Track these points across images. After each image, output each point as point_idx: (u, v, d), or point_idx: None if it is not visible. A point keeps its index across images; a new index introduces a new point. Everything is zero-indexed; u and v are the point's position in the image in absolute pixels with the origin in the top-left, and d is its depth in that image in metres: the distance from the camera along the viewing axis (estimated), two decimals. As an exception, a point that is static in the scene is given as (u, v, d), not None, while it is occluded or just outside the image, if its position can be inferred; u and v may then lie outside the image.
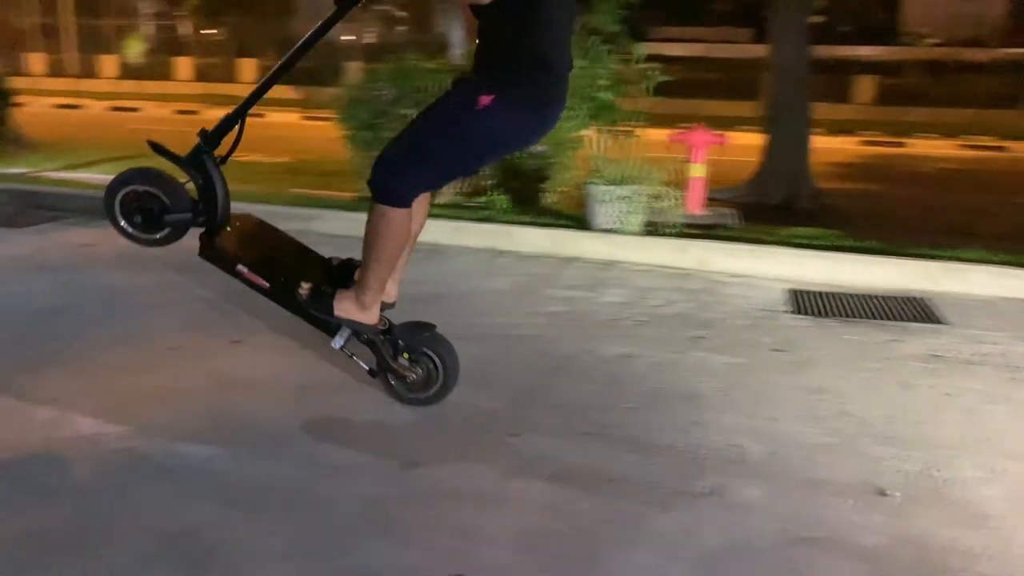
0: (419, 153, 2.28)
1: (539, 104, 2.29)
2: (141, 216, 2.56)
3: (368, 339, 2.55)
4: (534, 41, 2.19)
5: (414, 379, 2.59)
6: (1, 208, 5.58)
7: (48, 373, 2.79)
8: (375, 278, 2.39)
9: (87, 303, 3.59)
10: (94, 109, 19.82)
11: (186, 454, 2.29)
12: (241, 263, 2.52)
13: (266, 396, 2.69)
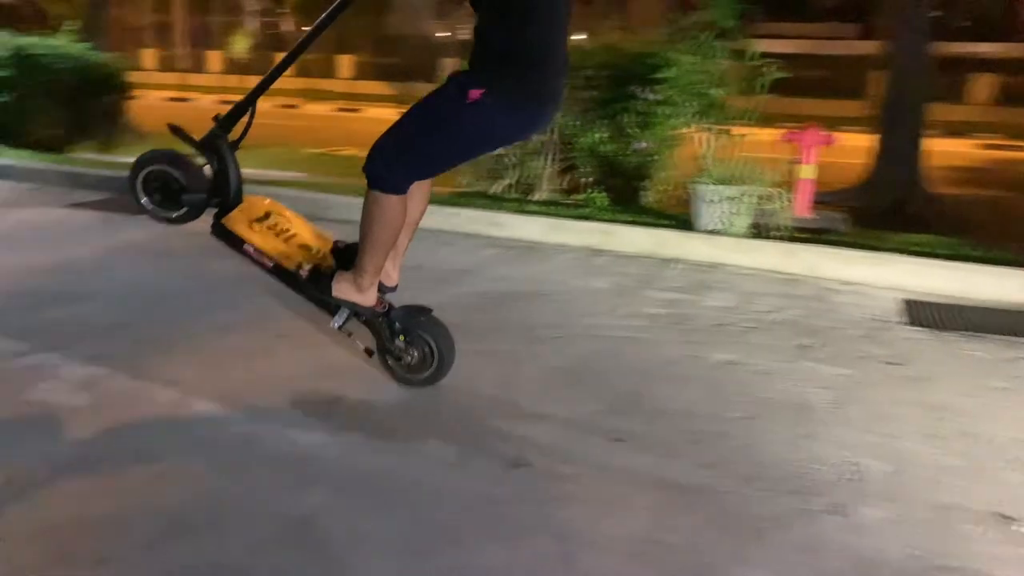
0: (410, 144, 2.32)
1: (529, 101, 2.30)
2: (160, 194, 2.69)
3: (366, 320, 2.63)
4: (526, 38, 2.21)
5: (409, 360, 2.66)
6: (121, 196, 5.88)
7: (168, 356, 2.90)
8: (371, 262, 2.46)
9: (203, 290, 3.73)
10: (202, 102, 20.70)
11: (299, 441, 2.34)
12: (248, 243, 2.63)
13: (375, 387, 2.72)
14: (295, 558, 1.84)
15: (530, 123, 2.42)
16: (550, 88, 2.33)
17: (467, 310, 3.53)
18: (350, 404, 2.60)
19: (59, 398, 2.53)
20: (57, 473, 2.11)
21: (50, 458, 2.18)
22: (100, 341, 3.01)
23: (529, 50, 2.22)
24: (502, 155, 5.75)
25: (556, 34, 2.29)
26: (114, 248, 4.42)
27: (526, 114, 2.34)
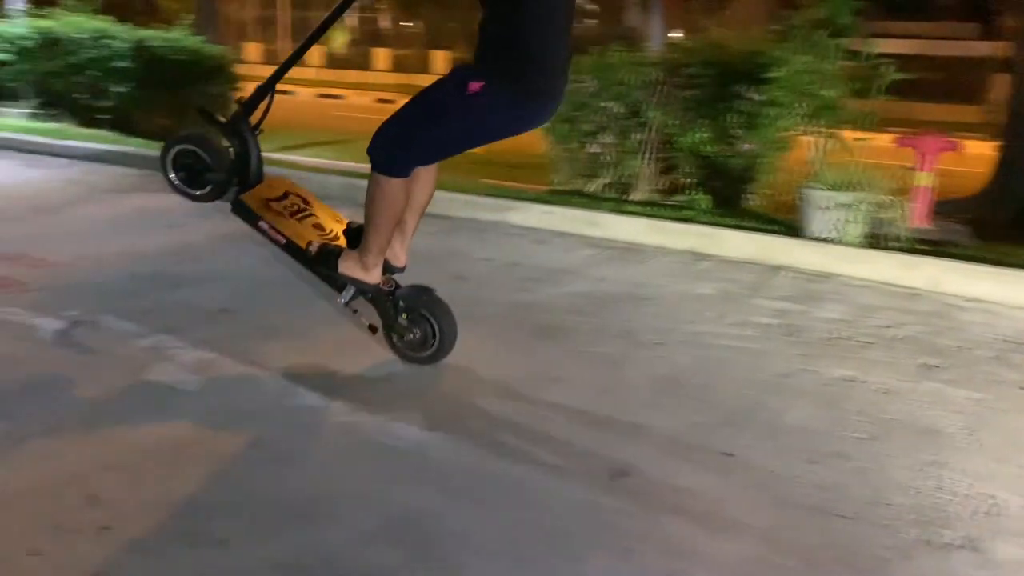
0: (411, 131, 2.41)
1: (528, 95, 2.36)
2: (187, 173, 2.82)
3: (372, 297, 2.72)
4: (527, 34, 2.27)
5: (412, 338, 2.74)
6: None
7: (275, 343, 2.95)
8: (375, 241, 2.54)
9: (309, 279, 3.78)
10: (302, 96, 21.30)
11: (402, 436, 2.33)
12: (263, 220, 2.73)
13: (479, 385, 2.70)
14: (401, 556, 1.82)
15: (528, 118, 2.45)
16: (549, 85, 2.38)
17: (566, 312, 3.47)
18: (450, 402, 2.58)
19: (174, 380, 2.60)
20: (173, 454, 2.15)
21: (167, 439, 2.23)
22: (211, 326, 3.08)
23: (529, 48, 2.28)
24: (599, 153, 5.67)
25: (557, 33, 2.34)
26: (223, 235, 4.54)
27: (524, 109, 2.40)
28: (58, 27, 8.16)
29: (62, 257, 3.88)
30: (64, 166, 6.56)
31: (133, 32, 7.99)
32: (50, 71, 8.24)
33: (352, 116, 17.29)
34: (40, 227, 4.54)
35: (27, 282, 3.48)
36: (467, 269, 4.05)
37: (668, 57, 5.71)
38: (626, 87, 5.42)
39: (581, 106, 5.59)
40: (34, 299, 3.28)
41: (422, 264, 4.09)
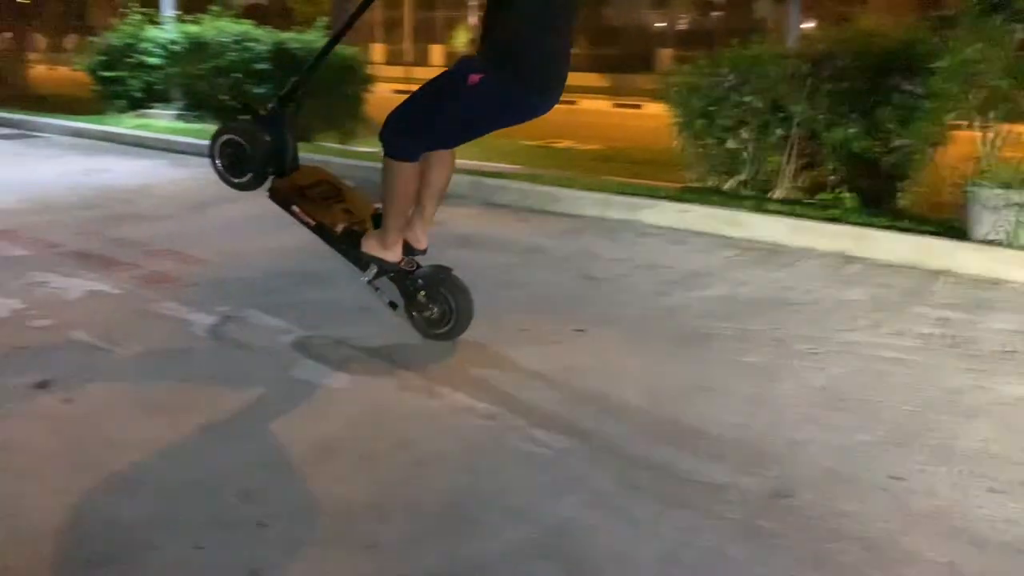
0: (416, 117, 2.57)
1: (526, 88, 2.49)
2: (230, 161, 2.97)
3: (393, 276, 2.86)
4: (523, 32, 2.41)
5: (429, 315, 2.87)
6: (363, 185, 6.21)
7: (414, 342, 2.94)
8: (392, 222, 2.71)
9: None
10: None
11: (546, 443, 2.26)
12: (295, 204, 2.89)
13: (621, 392, 2.59)
14: (552, 570, 1.75)
15: (525, 109, 2.58)
16: (546, 78, 2.52)
17: (708, 316, 3.31)
18: (593, 409, 2.48)
19: (320, 378, 2.63)
20: (323, 453, 2.17)
21: (316, 437, 2.25)
22: (351, 324, 3.12)
23: (526, 43, 2.43)
24: (737, 150, 5.44)
25: (554, 30, 2.48)
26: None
27: (520, 101, 2.53)
28: (205, 31, 8.61)
29: (210, 254, 4.05)
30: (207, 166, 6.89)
31: (273, 35, 8.32)
32: (196, 74, 8.71)
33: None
34: (189, 225, 4.77)
35: (180, 278, 3.65)
36: (600, 270, 3.95)
37: (815, 48, 5.40)
38: (769, 80, 5.16)
39: (719, 100, 5.38)
40: (187, 294, 3.43)
41: (551, 264, 4.05)
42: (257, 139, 2.91)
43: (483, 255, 4.19)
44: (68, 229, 4.45)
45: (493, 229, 4.77)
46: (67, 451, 2.13)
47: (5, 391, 2.46)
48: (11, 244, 4.12)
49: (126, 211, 5.02)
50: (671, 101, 5.80)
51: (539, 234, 4.66)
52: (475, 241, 4.46)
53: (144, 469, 2.06)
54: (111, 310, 3.22)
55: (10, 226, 4.49)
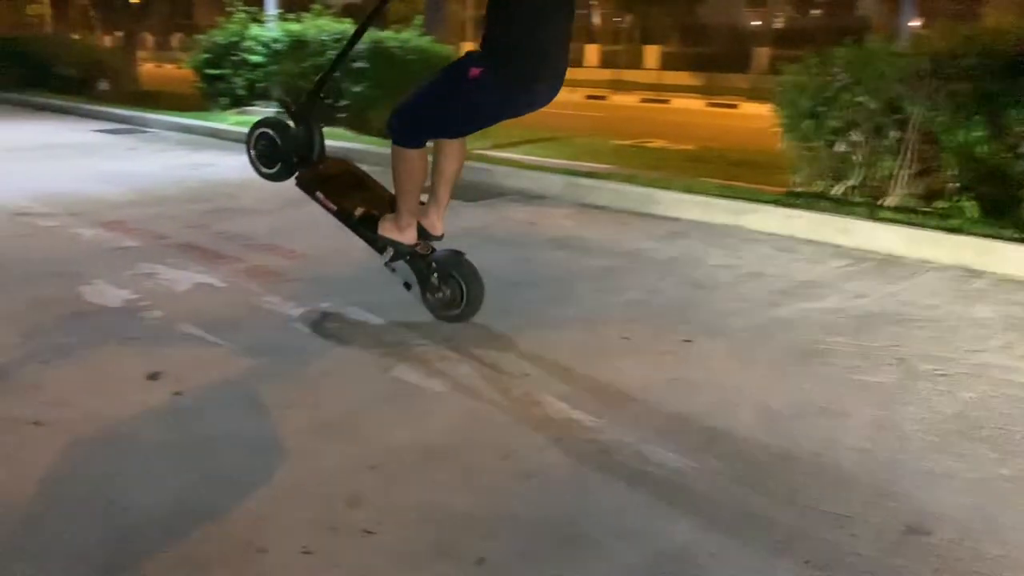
0: (420, 107, 2.74)
1: (522, 82, 2.64)
2: (263, 153, 3.20)
3: (408, 258, 3.02)
4: (518, 30, 2.54)
5: (441, 297, 3.01)
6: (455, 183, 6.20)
7: (514, 348, 2.88)
8: (404, 205, 2.88)
9: (540, 280, 3.73)
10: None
11: (655, 459, 2.15)
12: (319, 191, 3.07)
13: (735, 409, 2.46)
14: (668, 601, 1.64)
15: (524, 101, 2.73)
16: (542, 72, 2.66)
17: (824, 330, 3.13)
18: (705, 426, 2.36)
19: (421, 380, 2.59)
20: (426, 459, 2.12)
21: (419, 442, 2.21)
22: (448, 325, 3.08)
23: (522, 40, 2.56)
24: (847, 153, 5.17)
25: (550, 28, 2.61)
26: (454, 232, 4.58)
27: (521, 95, 2.70)
28: (306, 30, 8.79)
29: (308, 249, 4.09)
30: (307, 161, 7.03)
31: (371, 33, 8.41)
32: (296, 72, 8.90)
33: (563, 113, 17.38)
34: (289, 220, 4.83)
35: (281, 272, 3.69)
36: (705, 277, 3.80)
37: (937, 47, 5.09)
38: (884, 80, 4.88)
39: (829, 101, 5.12)
40: (288, 289, 3.46)
41: (652, 269, 3.92)
42: (287, 132, 3.13)
43: (580, 258, 4.10)
44: (175, 221, 4.58)
45: (589, 231, 4.67)
46: (176, 445, 2.15)
47: (119, 381, 2.51)
48: (123, 235, 4.26)
49: (229, 205, 5.14)
50: (777, 101, 5.57)
51: (638, 237, 4.53)
52: (571, 243, 4.37)
53: (250, 467, 2.05)
54: (217, 303, 3.27)
55: (121, 217, 4.66)
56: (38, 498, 1.89)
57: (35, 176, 5.94)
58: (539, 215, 5.10)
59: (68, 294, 3.28)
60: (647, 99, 20.04)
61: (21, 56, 13.76)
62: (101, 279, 3.48)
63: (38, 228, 4.36)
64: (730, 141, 12.10)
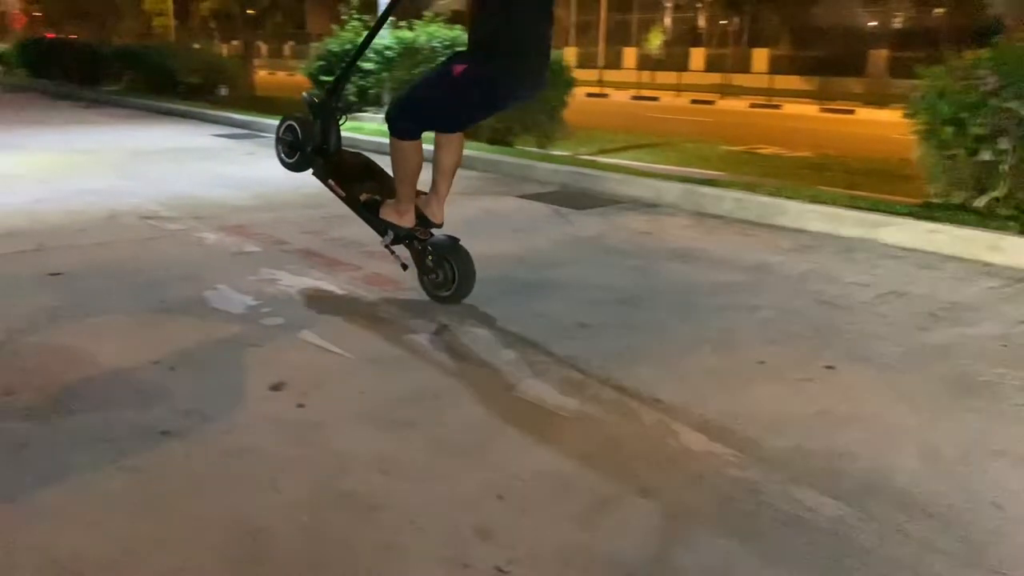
0: (414, 102, 3.03)
1: (503, 77, 2.89)
2: (287, 145, 3.50)
3: (407, 242, 3.29)
4: (498, 30, 2.80)
5: (435, 278, 3.27)
6: (567, 191, 6.08)
7: (641, 368, 2.72)
8: (402, 192, 3.16)
9: (661, 294, 3.55)
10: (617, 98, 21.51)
11: (809, 503, 1.95)
12: (331, 179, 3.38)
13: (887, 449, 2.23)
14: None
15: (507, 96, 3.02)
16: (523, 70, 2.91)
17: (984, 360, 2.84)
18: (862, 467, 2.13)
19: (546, 400, 2.47)
20: (559, 489, 1.99)
21: (549, 470, 2.08)
22: (571, 341, 2.95)
23: (502, 39, 2.80)
24: (993, 162, 4.76)
25: (529, 26, 2.85)
26: (567, 241, 4.49)
27: (500, 88, 2.93)
28: (417, 37, 8.86)
29: (425, 257, 4.04)
30: (416, 166, 7.05)
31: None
32: (407, 79, 8.99)
33: (668, 118, 17.03)
34: (403, 225, 4.83)
35: (398, 280, 3.64)
36: (841, 295, 3.54)
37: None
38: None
39: (973, 106, 4.73)
40: (405, 298, 3.41)
41: (782, 285, 3.68)
42: (308, 127, 3.40)
43: (704, 272, 3.90)
44: (294, 227, 4.63)
45: (711, 243, 4.46)
46: (301, 462, 2.10)
47: (244, 391, 2.50)
48: (244, 240, 4.34)
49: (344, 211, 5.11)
50: (913, 106, 5.19)
51: (764, 250, 4.29)
52: (693, 255, 4.17)
53: (376, 490, 1.98)
54: (337, 311, 3.25)
55: (242, 221, 4.75)
56: (164, 513, 1.87)
57: (161, 179, 6.18)
58: (655, 224, 4.91)
59: (194, 299, 3.33)
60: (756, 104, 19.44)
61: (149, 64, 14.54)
62: (225, 284, 3.53)
63: (164, 231, 4.50)
64: (849, 148, 11.54)
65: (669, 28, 30.68)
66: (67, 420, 2.28)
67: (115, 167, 6.81)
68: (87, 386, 2.50)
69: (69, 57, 17.66)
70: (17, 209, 4.96)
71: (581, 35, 30.48)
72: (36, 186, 5.81)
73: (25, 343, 2.82)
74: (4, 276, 3.58)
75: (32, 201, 5.23)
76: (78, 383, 2.51)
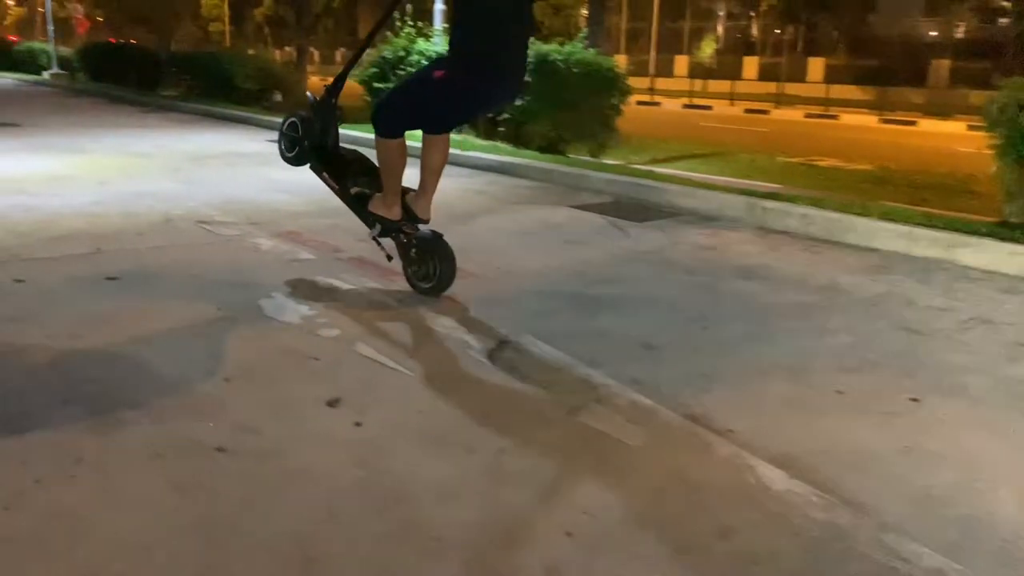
0: (397, 103, 3.24)
1: (481, 84, 3.08)
2: (288, 140, 3.70)
3: (392, 234, 3.47)
4: (478, 35, 2.99)
5: (417, 270, 3.47)
6: (621, 202, 5.94)
7: (712, 394, 2.58)
8: (388, 186, 3.34)
9: (729, 315, 3.40)
10: (668, 106, 21.28)
11: (903, 552, 1.80)
12: (325, 172, 3.58)
13: (986, 492, 2.06)
14: None
15: (485, 98, 3.27)
16: (499, 76, 3.10)
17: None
18: (960, 513, 1.96)
19: (613, 429, 2.34)
20: (629, 530, 1.87)
21: (621, 504, 1.96)
22: (637, 363, 2.82)
23: (478, 47, 2.99)
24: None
25: (506, 38, 3.03)
26: (626, 255, 4.36)
27: (477, 93, 3.14)
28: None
29: (481, 268, 3.95)
30: (468, 176, 6.99)
31: (537, 46, 8.32)
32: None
33: (721, 127, 16.76)
34: (455, 236, 4.67)
35: (455, 292, 3.55)
36: (920, 321, 3.34)
37: None
38: None
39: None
40: (462, 312, 3.32)
41: (856, 308, 3.49)
42: (308, 123, 3.59)
43: (772, 291, 3.73)
44: (349, 234, 4.58)
45: (777, 260, 4.28)
46: (358, 486, 2.01)
47: (300, 406, 2.42)
48: (299, 246, 4.30)
49: (397, 219, 5.12)
50: (990, 119, 4.95)
51: (834, 269, 4.10)
52: (760, 273, 4.01)
53: (437, 521, 1.87)
54: (393, 323, 3.17)
55: (297, 228, 4.72)
56: (215, 536, 1.79)
57: (216, 184, 6.21)
58: (718, 239, 4.75)
59: (249, 307, 3.29)
60: (813, 114, 19.02)
61: (205, 70, 14.78)
62: (280, 292, 3.48)
63: (219, 236, 4.48)
64: (911, 161, 11.19)
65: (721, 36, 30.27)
66: (121, 432, 2.23)
67: (171, 171, 6.87)
68: (141, 397, 2.45)
69: (129, 62, 18.08)
70: (76, 211, 5.01)
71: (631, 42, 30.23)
72: (95, 188, 5.88)
73: (81, 350, 2.79)
74: (63, 280, 3.58)
75: (90, 203, 5.28)
76: (133, 393, 2.47)
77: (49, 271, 3.71)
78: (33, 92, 18.78)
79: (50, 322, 3.04)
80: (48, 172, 6.55)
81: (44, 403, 2.38)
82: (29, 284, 3.51)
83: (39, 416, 2.29)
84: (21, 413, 2.31)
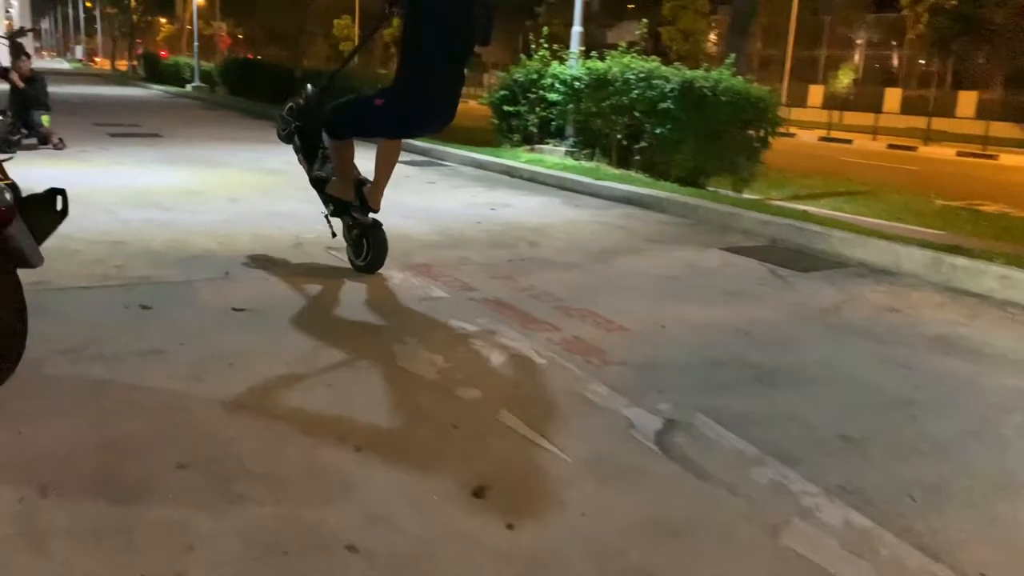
0: (345, 115, 3.87)
1: (414, 115, 3.75)
2: (282, 120, 4.18)
3: (342, 214, 4.07)
4: (415, 69, 3.61)
5: (354, 248, 4.10)
6: (779, 247, 5.37)
7: (944, 513, 2.04)
8: (340, 172, 3.98)
9: (939, 401, 2.82)
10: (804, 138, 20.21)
11: None
12: (301, 154, 4.19)
13: None
14: None
15: (413, 128, 3.96)
16: (432, 104, 3.74)
17: None
18: None
19: (826, 560, 1.85)
20: None
21: None
22: (836, 460, 2.31)
23: (414, 86, 3.62)
24: None
25: (441, 76, 3.66)
26: (796, 312, 3.81)
27: (410, 122, 3.83)
28: (610, 68, 8.41)
29: (628, 320, 3.52)
30: (601, 207, 6.58)
31: (680, 73, 7.85)
32: (593, 111, 8.56)
33: (864, 163, 15.70)
34: (596, 277, 4.33)
35: (603, 350, 3.13)
36: None
37: None
38: None
39: None
40: (616, 376, 2.88)
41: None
42: (299, 110, 4.07)
43: (986, 373, 3.12)
44: (481, 270, 4.25)
45: (979, 330, 3.64)
46: (517, 617, 1.60)
47: (442, 495, 2.04)
48: (430, 282, 3.99)
49: (531, 254, 4.76)
50: None
51: (1056, 348, 3.43)
52: (961, 347, 3.39)
53: None
54: (538, 386, 2.78)
55: (427, 260, 4.43)
56: None
57: (346, 206, 6.02)
58: (899, 299, 4.13)
59: (382, 354, 2.97)
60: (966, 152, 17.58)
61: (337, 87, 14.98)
62: (414, 337, 3.15)
63: (348, 267, 4.22)
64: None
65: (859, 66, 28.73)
66: (236, 511, 1.91)
67: (301, 190, 6.71)
68: (262, 464, 2.13)
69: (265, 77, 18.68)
70: (208, 228, 4.90)
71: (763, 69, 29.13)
72: (227, 205, 5.81)
73: (200, 400, 2.52)
74: (191, 308, 3.38)
75: (222, 221, 5.18)
76: (252, 458, 2.16)
77: (176, 297, 3.53)
78: (176, 104, 19.73)
79: (173, 359, 2.81)
80: (184, 186, 6.58)
81: (159, 463, 2.10)
82: (156, 312, 3.32)
83: (154, 481, 2.01)
84: (135, 477, 2.04)
